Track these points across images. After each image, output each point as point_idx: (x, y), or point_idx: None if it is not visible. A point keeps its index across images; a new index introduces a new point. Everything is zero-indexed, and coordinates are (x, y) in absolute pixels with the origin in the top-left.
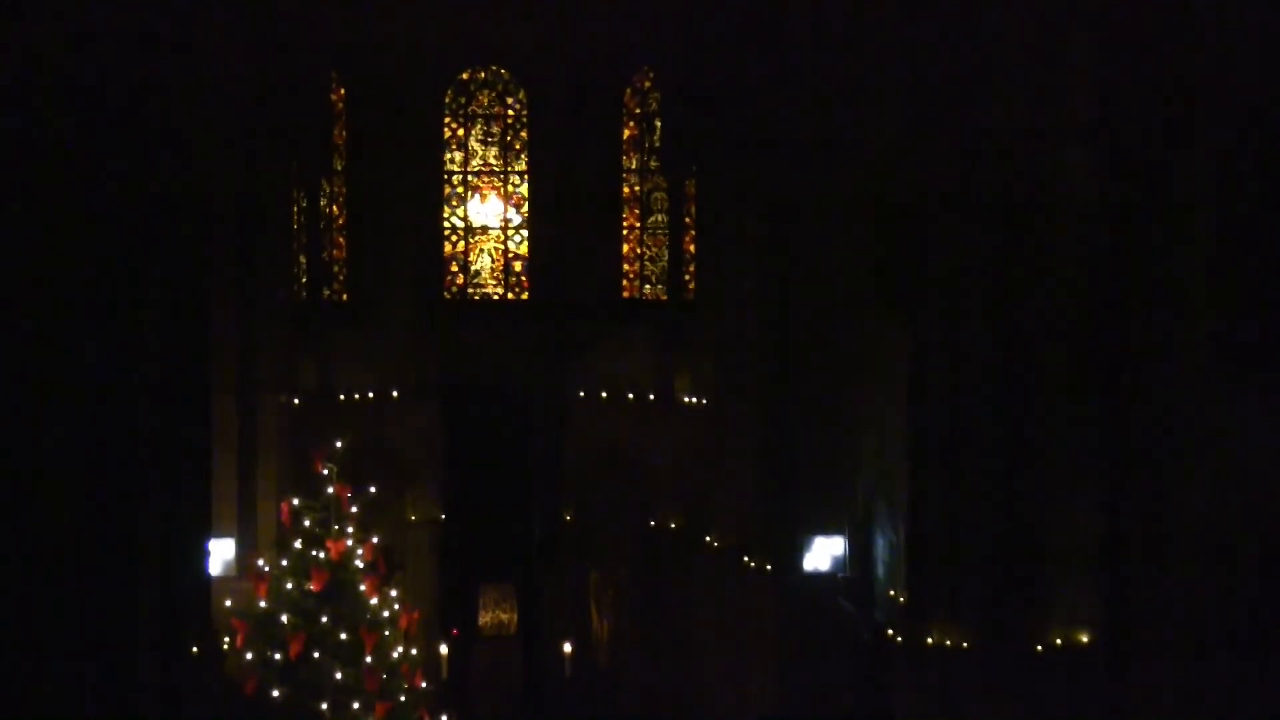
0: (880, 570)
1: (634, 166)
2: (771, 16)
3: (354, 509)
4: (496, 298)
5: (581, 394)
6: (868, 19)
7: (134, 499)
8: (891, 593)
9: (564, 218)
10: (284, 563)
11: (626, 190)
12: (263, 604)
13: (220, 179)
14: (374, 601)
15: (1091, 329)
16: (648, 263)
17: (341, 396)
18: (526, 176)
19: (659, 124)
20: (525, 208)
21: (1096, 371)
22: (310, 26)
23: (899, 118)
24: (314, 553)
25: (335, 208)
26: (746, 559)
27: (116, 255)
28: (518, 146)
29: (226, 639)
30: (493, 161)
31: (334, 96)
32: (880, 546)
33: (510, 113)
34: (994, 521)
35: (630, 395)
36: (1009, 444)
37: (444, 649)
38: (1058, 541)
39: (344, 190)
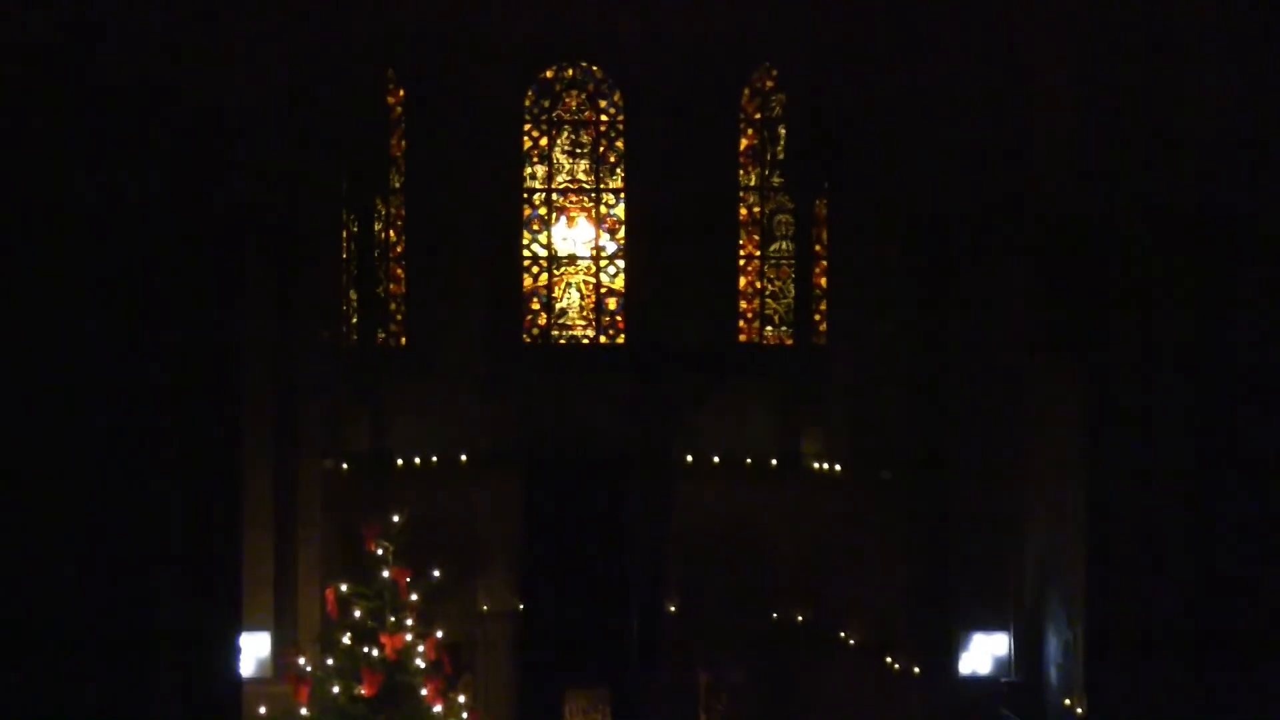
0: (1052, 674)
1: (753, 184)
2: (918, 4)
3: (414, 597)
4: (586, 342)
5: (689, 459)
6: (1034, 5)
7: (150, 586)
8: (1066, 701)
9: (668, 245)
10: (330, 662)
11: (744, 212)
12: (304, 711)
13: (254, 199)
14: (437, 709)
15: None
16: (769, 300)
17: (399, 462)
18: (623, 196)
19: (783, 132)
20: (621, 233)
21: None
22: (361, 15)
23: (1072, 125)
24: (366, 650)
25: (392, 234)
26: (889, 660)
27: (128, 288)
28: (612, 159)
29: None
30: (582, 178)
31: (391, 100)
32: (1052, 645)
33: (604, 118)
34: (1193, 615)
35: (748, 460)
36: (1211, 520)
37: None
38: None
39: (402, 213)
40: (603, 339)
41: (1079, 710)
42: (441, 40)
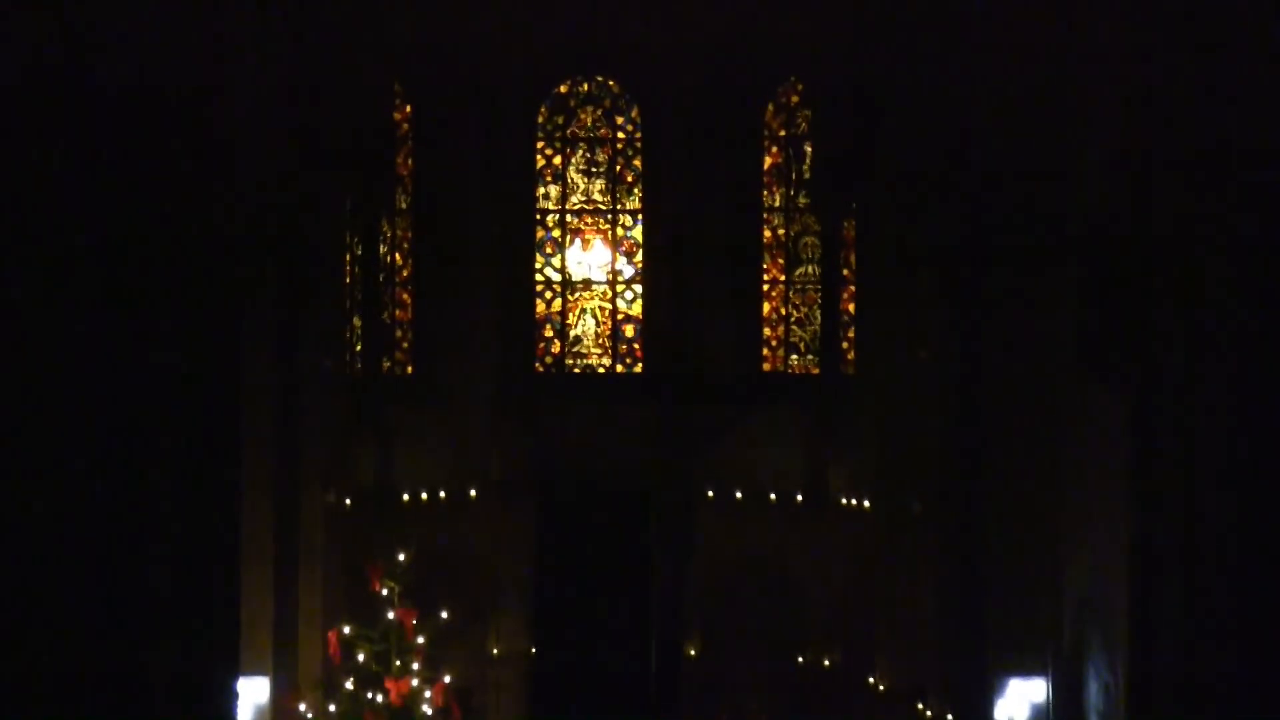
0: None
1: (777, 204)
2: (951, 14)
3: (420, 639)
4: (602, 371)
5: (710, 493)
6: (1074, 14)
7: (142, 628)
8: None
9: (688, 269)
10: (332, 708)
11: (768, 234)
12: None
13: (254, 220)
14: None
15: None
16: (795, 327)
17: (405, 496)
18: (640, 217)
19: (809, 150)
20: (639, 256)
21: None
22: (367, 27)
23: (1114, 139)
24: (370, 695)
25: (398, 256)
26: (921, 706)
27: (123, 315)
28: (630, 179)
29: None
30: (598, 198)
31: (397, 115)
32: (1093, 691)
33: (621, 135)
34: (1242, 659)
35: (772, 495)
36: (1263, 557)
37: None
38: None
39: (409, 235)
40: (619, 368)
41: None
42: (450, 53)
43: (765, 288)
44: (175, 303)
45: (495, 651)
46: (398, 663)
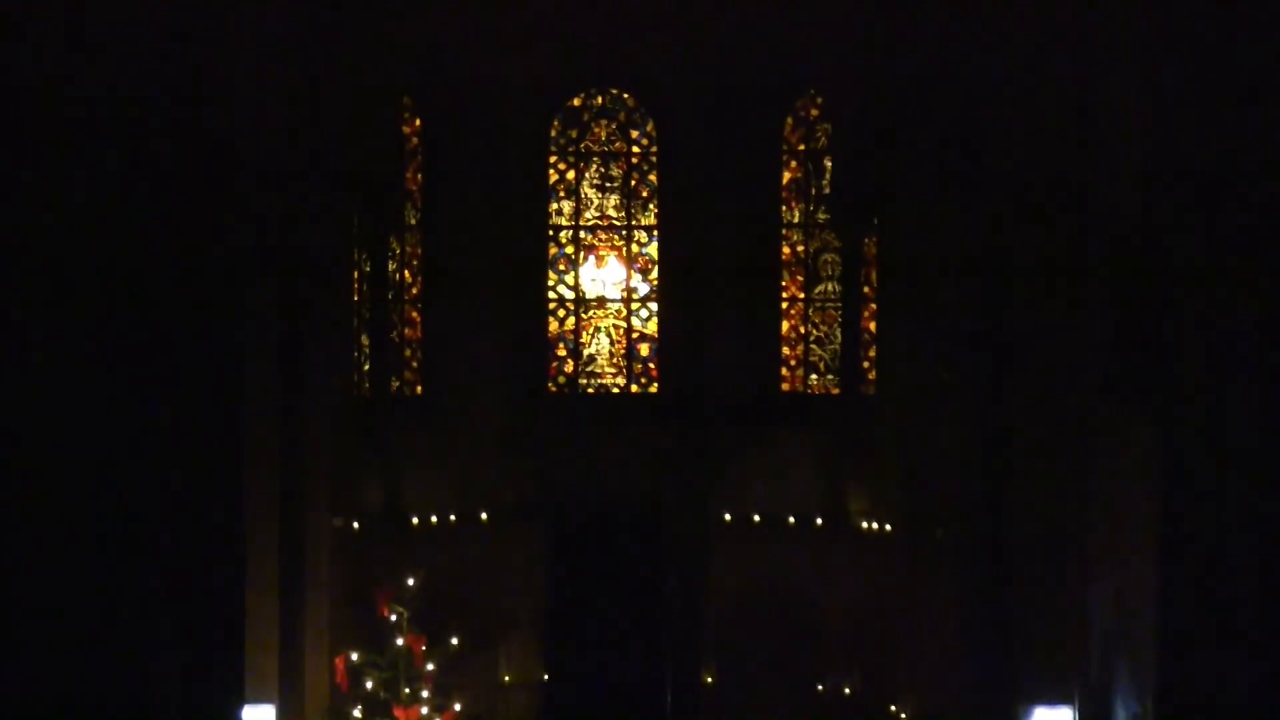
0: None
1: (796, 220)
2: (973, 25)
3: (430, 667)
4: (617, 391)
5: (727, 517)
6: (1099, 23)
7: (145, 655)
8: None
9: (705, 287)
10: None
11: (787, 251)
12: None
13: (258, 236)
14: None
15: None
16: (814, 346)
17: (414, 520)
18: (656, 233)
19: (829, 164)
20: (654, 274)
21: None
22: (376, 39)
23: (1142, 154)
24: None
25: (408, 274)
26: None
27: (123, 332)
28: (645, 194)
29: None
30: (612, 213)
31: (407, 130)
32: None
33: (636, 150)
34: (1275, 691)
35: (791, 519)
36: None
37: None
38: None
39: (419, 251)
40: (634, 388)
41: None
42: (461, 66)
43: (784, 306)
44: (175, 321)
45: (506, 679)
46: (406, 690)
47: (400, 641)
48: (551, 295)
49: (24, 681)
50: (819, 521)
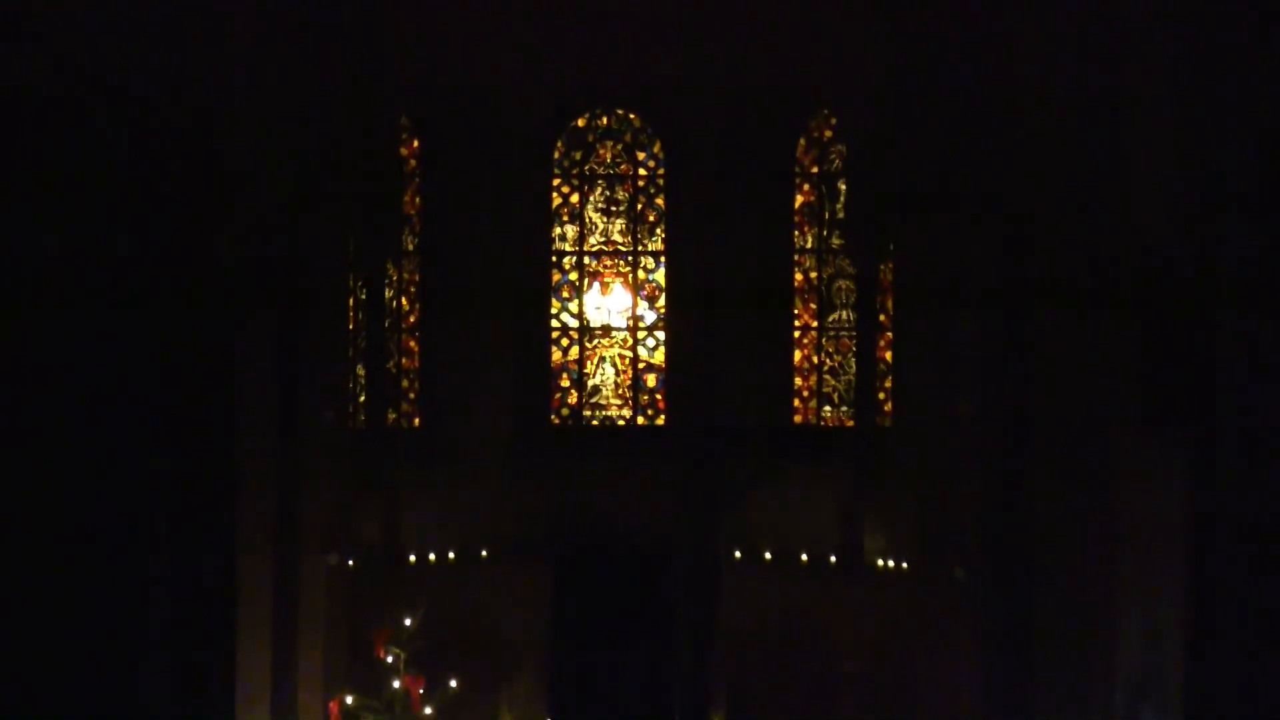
0: None
1: (809, 245)
2: (993, 40)
3: (428, 710)
4: (622, 423)
5: (738, 554)
6: (1125, 35)
7: (131, 697)
8: None
9: (714, 315)
10: None
11: (799, 278)
12: None
13: (250, 261)
14: None
15: None
16: (828, 376)
17: (412, 557)
18: (663, 259)
19: (843, 188)
20: (661, 302)
21: None
22: (372, 56)
23: (1173, 170)
24: None
25: (405, 301)
26: None
27: (109, 362)
28: (652, 218)
29: None
30: (618, 238)
31: (405, 151)
32: None
33: (642, 172)
34: None
35: (804, 556)
36: None
37: None
38: None
39: (417, 278)
40: (641, 420)
41: None
42: (460, 84)
43: (796, 334)
44: (162, 350)
45: None
46: None
47: (397, 684)
48: (555, 324)
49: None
50: (833, 559)
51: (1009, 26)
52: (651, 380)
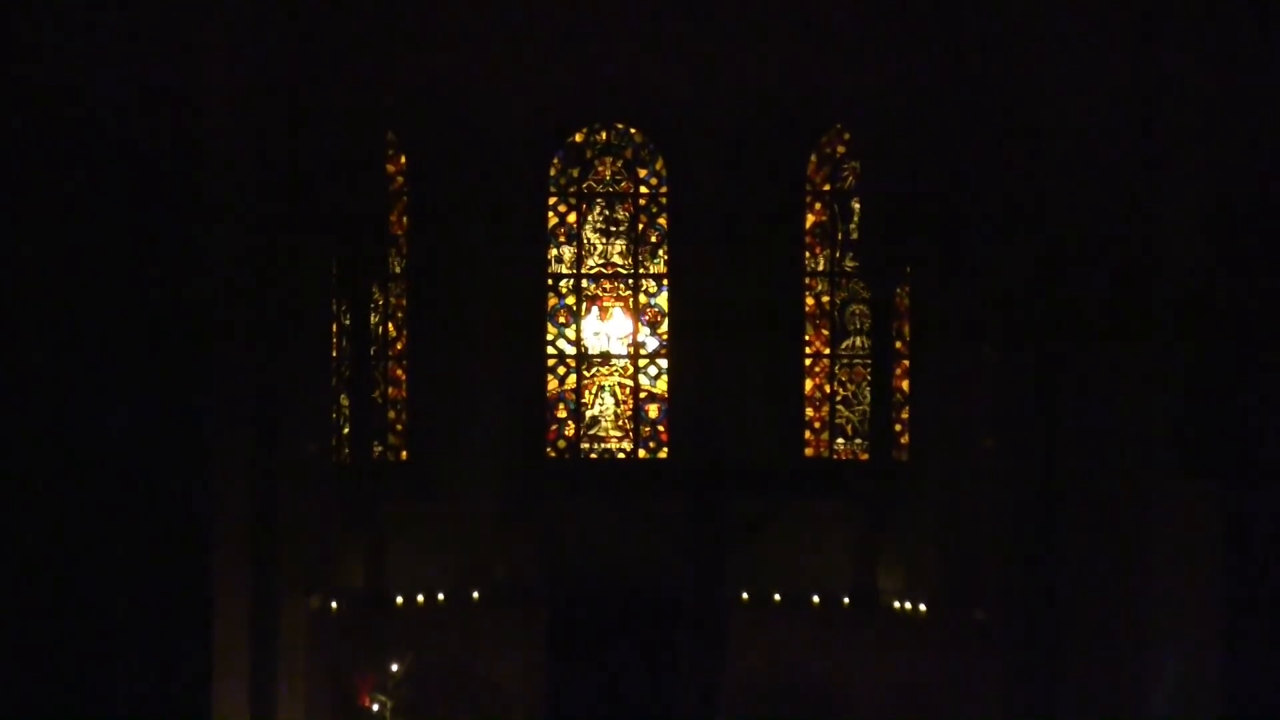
0: None
1: (821, 268)
2: (1017, 52)
3: None
4: (623, 457)
5: (745, 596)
6: (1156, 49)
7: None
8: None
9: (720, 342)
10: None
11: (810, 302)
12: None
13: (229, 285)
14: None
15: None
16: (841, 407)
17: (399, 599)
18: (666, 282)
19: (857, 206)
20: (664, 327)
21: None
22: (357, 70)
23: (1208, 195)
24: None
25: (391, 327)
26: None
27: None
28: (654, 239)
29: None
30: (618, 260)
31: (391, 168)
32: None
33: (644, 190)
34: None
35: (815, 598)
36: None
37: None
38: None
39: (404, 303)
40: (642, 453)
41: None
42: (451, 98)
43: (807, 362)
44: (137, 379)
45: None
46: None
47: None
48: (550, 351)
49: None
50: (846, 601)
51: (1034, 37)
52: (653, 411)
